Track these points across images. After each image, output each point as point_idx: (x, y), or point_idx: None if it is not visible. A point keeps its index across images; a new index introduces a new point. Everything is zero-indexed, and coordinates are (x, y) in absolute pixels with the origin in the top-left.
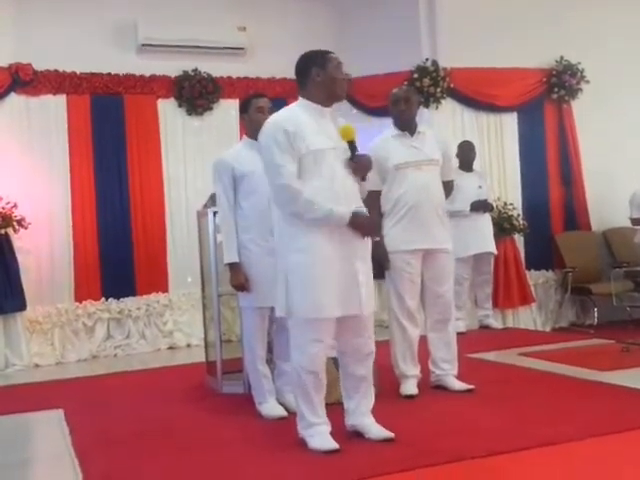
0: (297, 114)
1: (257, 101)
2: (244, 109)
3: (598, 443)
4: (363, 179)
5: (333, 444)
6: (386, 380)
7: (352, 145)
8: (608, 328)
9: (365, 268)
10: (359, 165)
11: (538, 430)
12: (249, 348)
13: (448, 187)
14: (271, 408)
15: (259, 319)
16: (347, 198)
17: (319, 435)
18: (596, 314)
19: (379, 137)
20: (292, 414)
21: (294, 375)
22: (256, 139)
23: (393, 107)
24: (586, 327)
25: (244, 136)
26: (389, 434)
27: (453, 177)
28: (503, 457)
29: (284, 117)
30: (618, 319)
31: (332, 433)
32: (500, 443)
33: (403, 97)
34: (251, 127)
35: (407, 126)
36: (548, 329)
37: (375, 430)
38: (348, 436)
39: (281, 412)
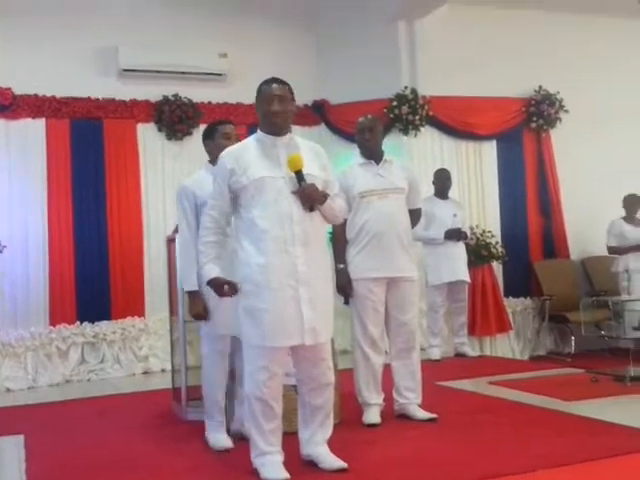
0: (245, 147)
1: (223, 127)
2: (208, 135)
3: (552, 474)
4: (311, 209)
5: (283, 474)
6: (349, 408)
7: (298, 175)
8: (585, 356)
9: (313, 294)
10: (301, 195)
11: (495, 461)
12: (207, 375)
13: (415, 215)
14: (218, 439)
15: (220, 346)
16: (290, 225)
17: (270, 465)
18: (573, 342)
19: (346, 165)
20: (245, 444)
21: (245, 402)
22: None
23: (358, 136)
24: (564, 355)
25: (207, 162)
26: (342, 464)
27: (420, 205)
28: None
29: (228, 152)
30: (596, 347)
31: (287, 462)
32: (456, 474)
33: (367, 126)
34: (216, 153)
35: (372, 154)
36: (526, 357)
37: (329, 460)
38: (303, 466)
39: (227, 444)
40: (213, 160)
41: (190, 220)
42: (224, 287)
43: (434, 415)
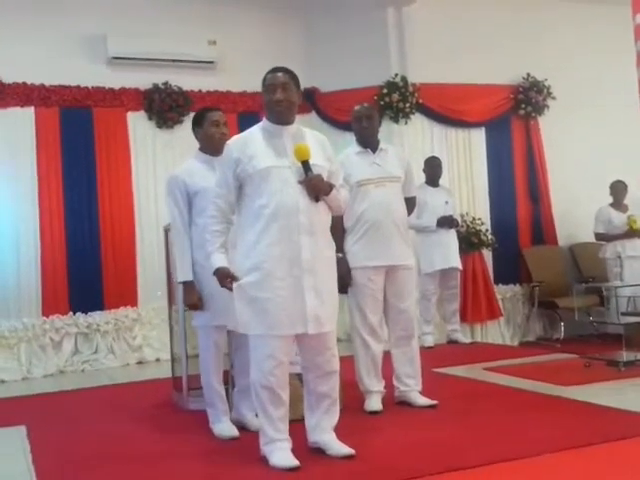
0: (251, 136)
1: (212, 115)
2: (197, 123)
3: (554, 459)
4: (317, 199)
5: (293, 461)
6: (351, 396)
7: (305, 165)
8: (574, 342)
9: (318, 283)
10: (308, 185)
11: (498, 446)
12: (204, 366)
13: (410, 203)
14: (223, 429)
15: (216, 337)
16: (296, 215)
17: (279, 451)
18: (562, 328)
19: (342, 154)
20: (248, 433)
21: (252, 391)
22: (210, 153)
23: (355, 124)
24: (553, 341)
25: (197, 150)
26: (350, 450)
27: (415, 193)
28: (461, 473)
29: (234, 141)
30: (584, 333)
31: (294, 450)
32: (460, 459)
33: (365, 114)
34: (205, 141)
35: (369, 143)
36: (516, 343)
37: (336, 447)
38: (310, 453)
39: (233, 433)
40: (203, 148)
41: (182, 209)
42: (227, 279)
43: (435, 402)
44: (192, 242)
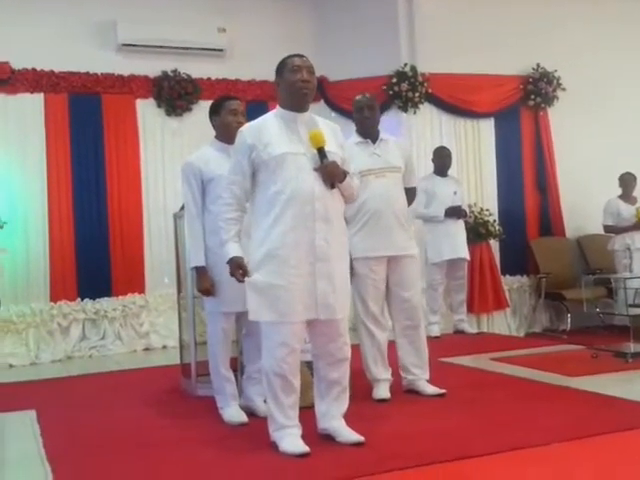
0: (265, 123)
1: (230, 103)
2: (215, 111)
3: (564, 448)
4: (332, 186)
5: (303, 447)
6: (359, 384)
7: (321, 152)
8: (581, 334)
9: (331, 270)
10: (323, 172)
11: (507, 435)
12: (212, 352)
13: (411, 194)
14: (232, 414)
15: (224, 324)
16: (312, 202)
17: (290, 437)
18: (569, 320)
19: None
20: (257, 419)
21: (263, 377)
22: (226, 141)
23: (357, 114)
24: (559, 332)
25: (213, 138)
26: (359, 438)
27: (416, 184)
28: (471, 461)
29: (248, 127)
30: (591, 325)
31: (303, 436)
32: (469, 447)
33: (366, 104)
34: (222, 129)
35: (369, 133)
36: (522, 334)
37: (345, 433)
38: (319, 439)
39: (242, 418)
40: (219, 136)
41: (196, 196)
42: (239, 271)
43: (443, 390)
44: (205, 228)
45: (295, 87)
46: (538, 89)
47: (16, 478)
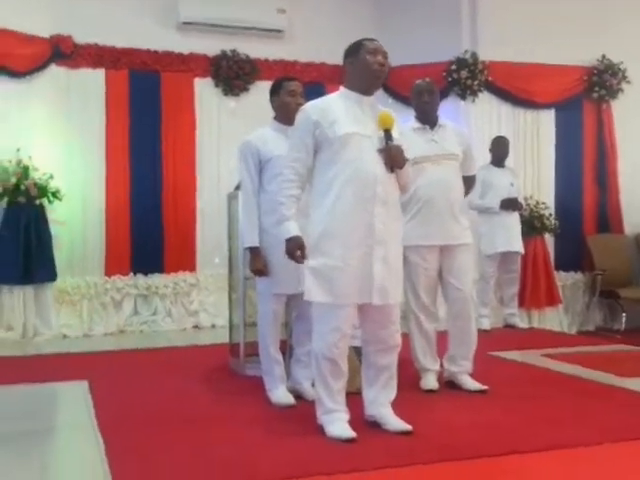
0: (330, 102)
1: (289, 84)
2: (274, 91)
3: (614, 449)
4: (392, 170)
5: (350, 432)
6: (406, 373)
7: (387, 134)
8: (636, 334)
9: (387, 253)
10: (387, 155)
11: (557, 432)
12: (262, 334)
13: (469, 182)
14: (280, 396)
15: (275, 305)
16: (373, 184)
17: (337, 422)
18: (624, 319)
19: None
20: (304, 402)
21: (313, 361)
22: (285, 122)
23: (416, 99)
24: (613, 332)
25: (272, 119)
26: (407, 427)
27: (475, 172)
28: (519, 457)
29: (312, 105)
30: None
31: (351, 422)
32: (517, 443)
33: (427, 89)
34: (281, 110)
35: (428, 119)
36: (574, 331)
37: (393, 422)
38: (366, 426)
39: (289, 400)
40: (278, 117)
41: (253, 176)
42: (298, 251)
43: (485, 387)
44: (260, 208)
45: (371, 69)
46: (603, 81)
47: (69, 445)
